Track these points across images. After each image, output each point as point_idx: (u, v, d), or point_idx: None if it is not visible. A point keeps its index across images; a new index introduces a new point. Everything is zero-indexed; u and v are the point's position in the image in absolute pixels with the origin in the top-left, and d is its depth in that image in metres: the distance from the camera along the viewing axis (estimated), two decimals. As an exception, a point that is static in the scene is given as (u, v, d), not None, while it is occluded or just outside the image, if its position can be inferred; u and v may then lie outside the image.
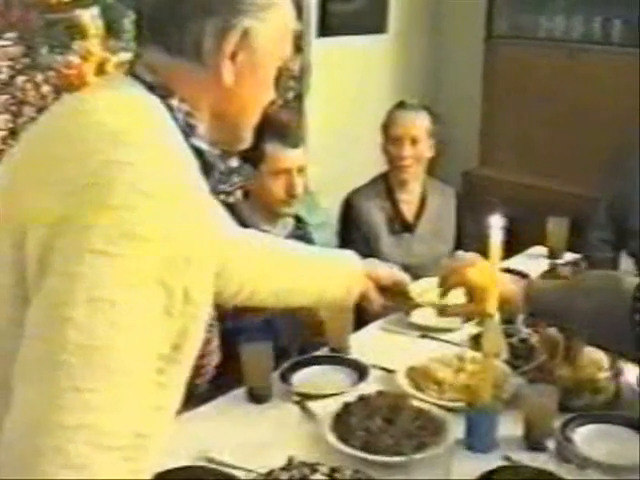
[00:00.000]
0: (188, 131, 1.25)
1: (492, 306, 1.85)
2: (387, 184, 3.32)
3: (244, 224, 2.58)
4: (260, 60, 1.29)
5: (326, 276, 1.95)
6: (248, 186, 2.74)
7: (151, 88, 1.24)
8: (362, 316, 2.41)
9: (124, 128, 1.15)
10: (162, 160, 1.15)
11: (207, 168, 1.28)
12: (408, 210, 3.32)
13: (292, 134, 2.72)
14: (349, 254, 2.01)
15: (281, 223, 2.75)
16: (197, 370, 2.20)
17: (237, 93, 1.29)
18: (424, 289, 2.10)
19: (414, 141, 3.22)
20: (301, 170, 2.70)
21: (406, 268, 2.24)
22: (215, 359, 2.31)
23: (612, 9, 4.66)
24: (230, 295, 1.83)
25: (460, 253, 2.27)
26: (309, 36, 4.21)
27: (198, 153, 1.26)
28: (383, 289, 2.00)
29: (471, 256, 2.21)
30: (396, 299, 2.02)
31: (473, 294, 1.93)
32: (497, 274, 1.88)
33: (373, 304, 2.00)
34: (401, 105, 3.34)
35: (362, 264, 2.00)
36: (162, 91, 1.24)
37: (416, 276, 2.19)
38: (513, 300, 1.85)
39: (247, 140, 1.39)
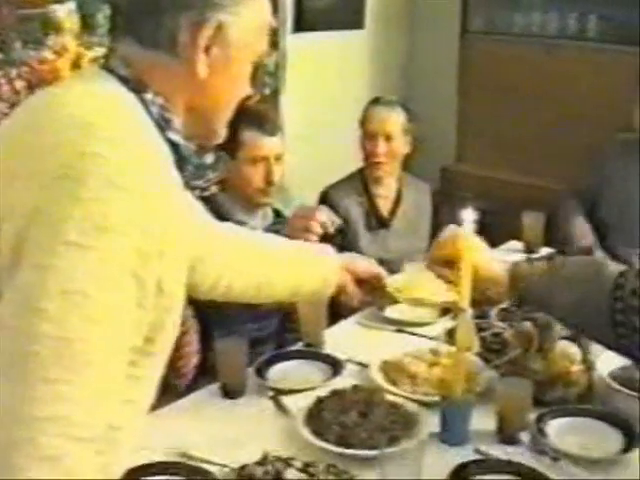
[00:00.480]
0: (163, 125, 1.26)
1: (465, 300, 1.85)
2: (363, 180, 3.33)
3: (222, 216, 2.59)
4: (234, 54, 1.29)
5: (303, 269, 1.94)
6: (226, 176, 2.73)
7: (125, 81, 1.24)
8: (337, 311, 2.42)
9: (97, 121, 1.15)
10: (135, 153, 1.15)
11: (182, 162, 1.28)
12: (384, 206, 3.33)
13: (270, 122, 2.72)
14: (326, 247, 2.01)
15: (260, 215, 2.74)
16: (176, 371, 2.20)
17: (211, 87, 1.29)
18: (401, 283, 2.08)
19: (389, 138, 3.24)
20: (278, 158, 2.70)
21: (382, 263, 2.25)
22: (194, 361, 2.31)
23: (587, 4, 4.69)
24: (207, 289, 1.82)
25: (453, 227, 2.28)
26: (285, 31, 4.21)
27: (173, 147, 1.27)
28: (360, 283, 2.00)
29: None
30: (373, 293, 2.02)
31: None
32: (485, 255, 1.87)
33: (351, 298, 2.00)
34: (376, 101, 3.36)
35: (339, 257, 1.99)
36: (136, 84, 1.25)
37: (392, 271, 2.19)
38: (500, 284, 1.84)
39: (221, 134, 1.39)
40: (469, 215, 1.86)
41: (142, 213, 1.11)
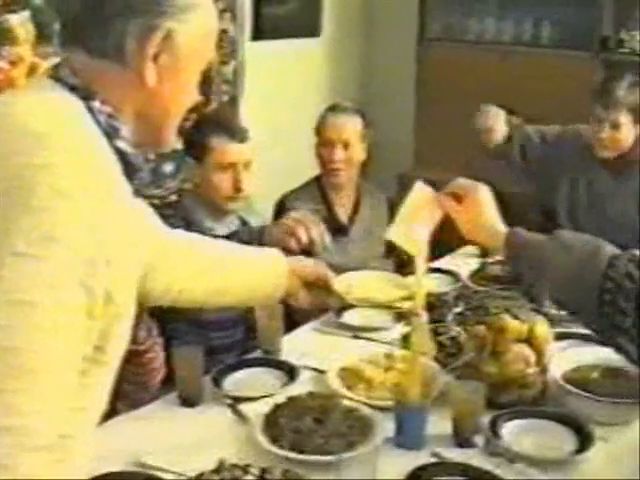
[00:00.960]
0: (111, 133, 1.26)
1: (419, 305, 1.87)
2: (321, 187, 3.33)
3: (189, 221, 2.60)
4: (183, 61, 1.30)
5: (254, 274, 1.96)
6: (194, 182, 2.73)
7: (73, 90, 1.25)
8: (293, 318, 2.43)
9: (45, 130, 1.16)
10: (83, 162, 1.16)
11: (131, 170, 1.28)
12: (342, 213, 3.33)
13: (239, 128, 2.72)
14: (275, 252, 2.02)
15: (227, 221, 2.74)
16: (142, 386, 2.20)
17: (160, 94, 1.29)
18: (348, 284, 2.12)
19: (346, 145, 3.23)
20: (247, 165, 2.69)
21: (342, 271, 2.27)
22: (159, 376, 2.31)
23: (542, 11, 4.76)
24: (158, 295, 1.83)
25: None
26: (242, 39, 4.22)
27: (121, 155, 1.27)
28: (309, 285, 2.02)
29: None
30: (322, 294, 2.04)
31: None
32: (490, 210, 1.87)
33: (299, 301, 2.02)
34: (333, 108, 3.35)
35: (287, 261, 2.01)
36: (84, 93, 1.25)
37: None
38: (498, 235, 1.82)
39: (170, 142, 1.39)
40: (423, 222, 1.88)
41: (90, 222, 1.12)
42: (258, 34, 4.36)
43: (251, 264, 1.98)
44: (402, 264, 2.82)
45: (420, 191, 1.92)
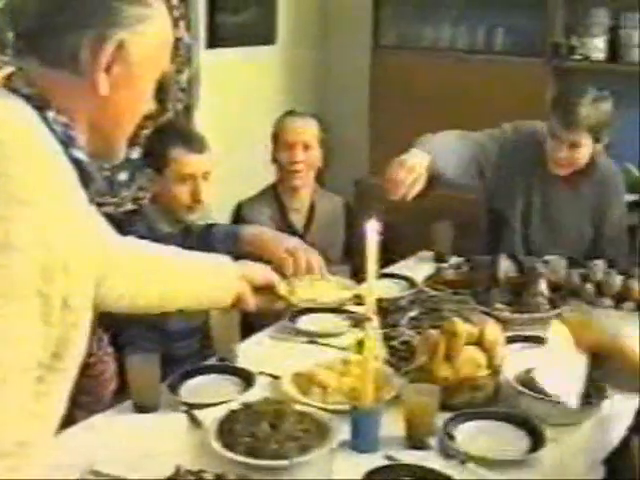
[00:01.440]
0: (67, 142, 1.27)
1: (371, 310, 1.90)
2: (276, 194, 3.35)
3: (150, 229, 2.61)
4: (136, 71, 1.32)
5: (204, 279, 2.00)
6: (153, 191, 2.74)
7: (27, 99, 1.26)
8: (249, 325, 2.44)
9: (0, 139, 1.17)
10: (38, 171, 1.17)
11: (86, 179, 1.29)
12: (298, 220, 3.35)
13: (197, 139, 2.75)
14: (224, 257, 2.07)
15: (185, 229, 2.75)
16: (94, 396, 2.20)
17: (113, 104, 1.31)
18: (294, 286, 2.19)
19: (306, 147, 3.27)
20: (206, 176, 2.71)
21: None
22: (111, 387, 2.31)
23: (495, 18, 4.81)
24: (112, 302, 1.84)
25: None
26: (197, 47, 4.22)
27: (77, 164, 1.28)
28: (258, 289, 2.07)
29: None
30: (270, 298, 2.10)
31: None
32: None
33: (248, 305, 2.06)
34: (291, 113, 3.39)
35: (237, 266, 2.06)
36: (38, 102, 1.26)
37: None
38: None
39: (121, 153, 1.41)
40: (372, 226, 1.90)
41: (46, 229, 1.13)
42: (213, 42, 4.37)
43: (202, 269, 2.02)
44: (359, 269, 2.84)
45: None
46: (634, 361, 1.94)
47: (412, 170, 2.82)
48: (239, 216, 3.31)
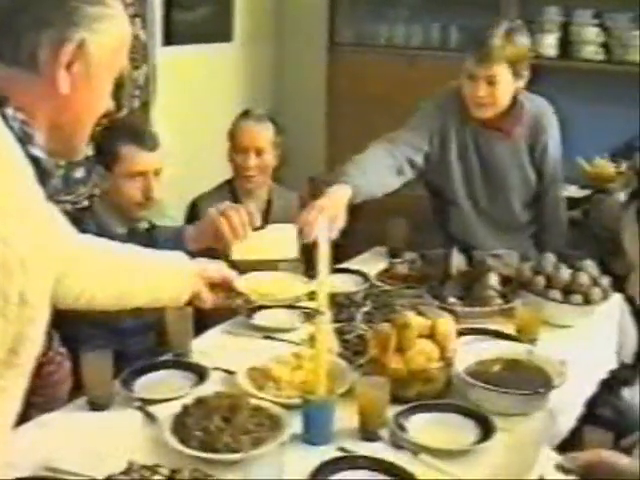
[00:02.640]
0: (24, 139, 1.27)
1: (323, 303, 1.92)
2: (232, 189, 3.36)
3: (101, 226, 2.60)
4: (95, 70, 1.33)
5: (160, 277, 2.04)
6: (104, 188, 2.74)
7: None
8: (203, 320, 2.45)
9: None
10: None
11: (44, 176, 1.30)
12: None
13: (149, 137, 2.75)
14: (180, 255, 2.10)
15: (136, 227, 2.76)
16: (47, 397, 2.20)
17: (73, 102, 1.32)
18: (251, 282, 2.23)
19: (259, 152, 3.28)
20: (157, 173, 2.72)
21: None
22: (65, 387, 2.31)
23: (449, 17, 4.85)
24: (71, 300, 1.88)
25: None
26: (154, 45, 4.21)
27: (35, 161, 1.28)
28: (213, 286, 2.11)
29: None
30: (227, 295, 2.14)
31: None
32: None
33: (205, 301, 2.10)
34: (246, 115, 3.39)
35: (193, 263, 2.09)
36: None
37: None
38: None
39: (81, 151, 1.43)
40: (323, 222, 1.92)
41: (3, 226, 1.13)
42: (169, 39, 4.36)
43: (159, 267, 2.05)
44: (314, 265, 2.86)
45: None
46: None
47: (323, 209, 2.61)
48: (194, 212, 3.31)
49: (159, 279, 2.04)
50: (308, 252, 3.11)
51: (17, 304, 1.16)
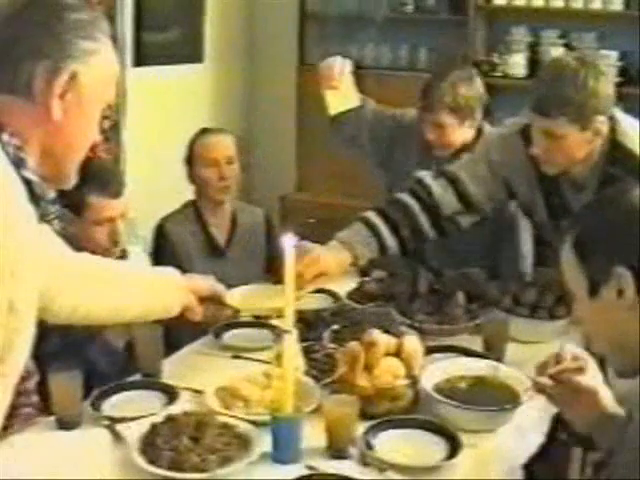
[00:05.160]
0: (18, 163, 1.34)
1: (288, 322, 1.93)
2: (196, 209, 3.38)
3: None
4: (86, 100, 1.41)
5: (152, 290, 2.14)
6: (70, 232, 2.70)
7: None
8: (173, 341, 2.46)
9: None
10: None
11: (36, 198, 1.37)
12: (219, 234, 3.38)
13: (113, 183, 2.75)
14: (171, 270, 2.21)
15: None
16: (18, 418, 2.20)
17: (65, 129, 1.40)
18: (240, 296, 2.34)
19: (230, 161, 3.33)
20: (123, 216, 2.74)
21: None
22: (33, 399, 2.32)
23: (418, 37, 4.92)
24: (66, 315, 1.96)
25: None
26: (124, 65, 4.23)
27: (27, 183, 1.35)
28: (203, 299, 2.22)
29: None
30: (216, 307, 2.26)
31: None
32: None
33: (196, 315, 2.20)
34: (204, 132, 3.44)
35: (183, 278, 2.20)
36: None
37: None
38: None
39: (71, 179, 1.49)
40: (289, 240, 1.94)
41: None
42: (140, 60, 4.39)
43: (151, 281, 2.17)
44: (280, 281, 2.87)
45: None
46: None
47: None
48: (161, 233, 3.33)
49: (151, 293, 2.14)
50: (275, 271, 3.14)
51: (6, 312, 1.22)
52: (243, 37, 5.02)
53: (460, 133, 3.18)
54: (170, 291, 2.16)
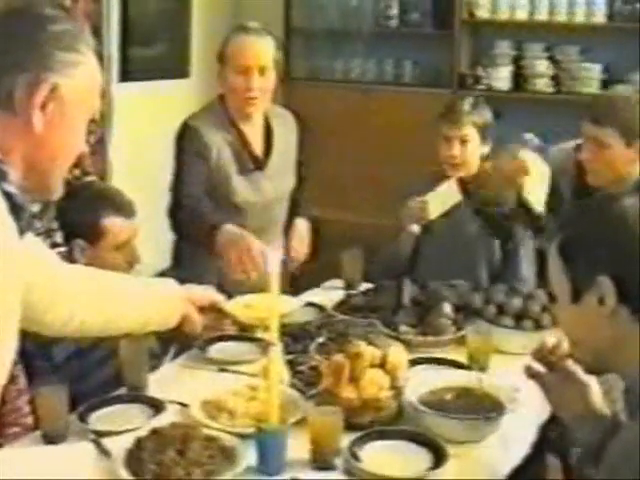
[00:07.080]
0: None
1: (274, 335, 1.94)
2: (228, 115, 3.11)
3: None
4: (69, 111, 1.41)
5: (149, 301, 2.10)
6: (83, 261, 2.63)
7: None
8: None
9: None
10: None
11: (17, 210, 1.37)
12: (256, 144, 3.14)
13: (126, 203, 2.69)
14: (169, 281, 2.17)
15: None
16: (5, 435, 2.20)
17: (47, 140, 1.40)
18: (239, 305, 2.31)
19: (262, 71, 3.00)
20: (136, 236, 2.68)
21: (253, 206, 2.72)
22: (28, 421, 2.31)
23: (403, 52, 4.95)
24: (60, 327, 1.93)
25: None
26: (110, 81, 4.24)
27: (8, 197, 1.35)
28: (202, 309, 2.19)
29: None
30: (216, 317, 2.26)
31: None
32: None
33: (194, 325, 2.17)
34: (244, 29, 3.06)
35: (181, 288, 2.16)
36: None
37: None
38: None
39: (57, 191, 1.49)
40: (275, 255, 1.95)
41: None
42: (126, 75, 4.40)
43: (147, 292, 2.12)
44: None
45: None
46: None
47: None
48: (193, 138, 3.08)
49: (148, 304, 2.10)
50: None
51: None
52: (229, 52, 5.04)
53: (477, 151, 3.27)
54: (168, 302, 2.12)
